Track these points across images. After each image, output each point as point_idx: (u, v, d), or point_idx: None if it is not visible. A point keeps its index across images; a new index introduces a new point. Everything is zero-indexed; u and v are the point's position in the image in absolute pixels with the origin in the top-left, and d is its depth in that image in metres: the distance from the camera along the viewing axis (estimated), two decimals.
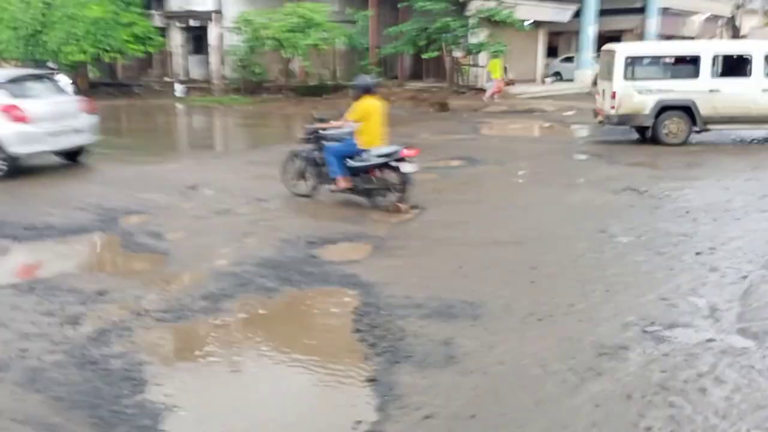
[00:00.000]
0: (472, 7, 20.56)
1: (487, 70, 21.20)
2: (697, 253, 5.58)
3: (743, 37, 41.29)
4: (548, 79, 25.67)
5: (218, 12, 25.17)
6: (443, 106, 20.63)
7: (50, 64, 21.00)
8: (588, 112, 19.62)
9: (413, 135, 14.44)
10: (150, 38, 25.50)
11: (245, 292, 4.92)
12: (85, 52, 23.29)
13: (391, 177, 7.25)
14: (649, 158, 10.73)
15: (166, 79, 27.50)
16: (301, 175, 7.97)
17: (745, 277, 4.97)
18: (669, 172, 9.58)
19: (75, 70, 24.73)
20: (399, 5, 21.20)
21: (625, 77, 11.88)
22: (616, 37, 31.30)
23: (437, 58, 22.85)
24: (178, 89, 25.67)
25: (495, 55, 20.94)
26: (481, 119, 18.03)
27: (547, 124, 17.08)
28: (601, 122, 13.01)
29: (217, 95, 24.84)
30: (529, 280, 5.08)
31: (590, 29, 25.69)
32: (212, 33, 25.74)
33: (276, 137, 16.07)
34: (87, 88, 23.35)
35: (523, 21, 21.45)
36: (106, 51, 23.82)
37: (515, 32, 23.83)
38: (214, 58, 26.10)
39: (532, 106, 20.12)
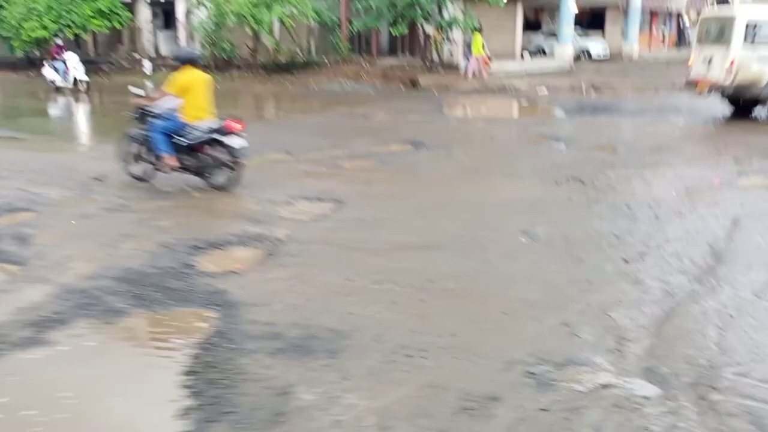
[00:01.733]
0: None
1: (469, 47, 20.24)
2: (624, 261, 4.85)
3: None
4: (526, 55, 24.71)
5: None
6: (414, 84, 19.78)
7: (57, 41, 20.30)
8: (563, 90, 18.88)
9: (370, 115, 13.69)
10: (116, 13, 24.51)
11: (84, 317, 4.18)
12: (46, 28, 22.36)
13: (221, 153, 6.86)
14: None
15: (135, 55, 26.50)
16: (138, 157, 7.39)
17: (671, 293, 4.24)
18: (627, 157, 8.86)
19: (38, 46, 23.79)
20: None
21: (745, 44, 10.87)
22: (599, 12, 30.38)
23: (413, 33, 21.92)
24: (146, 66, 24.69)
25: (476, 30, 19.99)
26: (448, 98, 17.21)
27: (515, 103, 16.27)
28: (701, 93, 12.04)
29: None
30: (420, 299, 4.35)
31: (570, 3, 24.65)
32: (180, 8, 24.72)
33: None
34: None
35: None
36: (69, 27, 22.86)
37: (491, 7, 22.85)
38: (182, 34, 25.13)
39: (506, 84, 19.25)
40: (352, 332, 3.86)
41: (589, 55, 27.98)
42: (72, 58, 18.62)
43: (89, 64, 25.90)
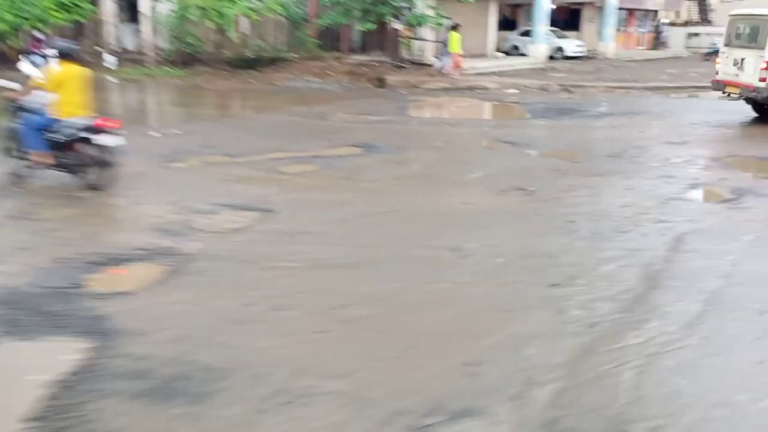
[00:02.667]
0: None
1: (446, 45, 19.81)
2: (553, 284, 4.46)
3: (711, 11, 40.34)
4: (499, 54, 24.36)
5: None
6: (381, 82, 19.33)
7: (36, 34, 18.78)
8: (532, 90, 18.55)
9: (328, 115, 13.22)
10: (78, 6, 23.77)
11: None
12: (4, 21, 21.57)
13: (92, 151, 6.55)
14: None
15: (97, 48, 25.73)
16: (11, 152, 7.00)
17: (593, 325, 3.85)
18: (583, 164, 8.50)
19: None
20: None
21: None
22: (575, 9, 30.15)
23: (384, 30, 21.44)
24: (108, 60, 23.88)
25: (453, 28, 19.59)
26: (414, 97, 16.81)
27: (481, 104, 15.89)
28: (731, 96, 11.72)
29: (150, 67, 23.25)
30: (323, 329, 3.92)
31: (544, 1, 24.35)
32: (144, 1, 23.99)
33: (173, 116, 14.70)
34: (16, 59, 21.58)
35: None
36: (27, 19, 22.09)
37: (462, 4, 22.45)
38: (146, 27, 24.41)
39: (475, 84, 18.88)
40: (232, 371, 3.42)
41: (565, 54, 27.70)
42: (52, 52, 17.87)
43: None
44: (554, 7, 29.71)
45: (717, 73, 12.21)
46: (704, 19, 40.28)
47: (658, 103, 15.80)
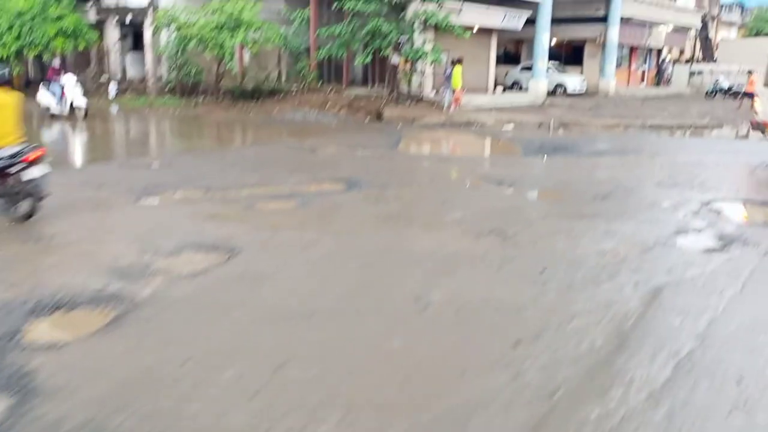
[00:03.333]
0: (411, 10, 19.14)
1: (449, 79, 19.72)
2: (515, 342, 4.16)
3: (714, 49, 40.38)
4: (498, 89, 24.30)
5: (155, 7, 23.59)
6: (379, 116, 19.25)
7: (54, 62, 18.83)
8: (530, 126, 18.37)
9: (318, 148, 13.06)
10: (81, 34, 23.98)
11: None
12: (6, 46, 21.75)
13: (19, 182, 6.46)
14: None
15: (104, 77, 25.90)
16: None
17: (551, 394, 3.54)
18: (567, 205, 8.23)
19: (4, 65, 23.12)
20: (334, 6, 19.73)
21: None
22: (578, 46, 30.20)
23: (384, 63, 21.42)
24: (111, 89, 24.04)
25: (457, 62, 19.56)
26: (410, 131, 16.70)
27: (476, 140, 15.72)
28: None
29: (152, 96, 23.34)
30: (255, 392, 3.61)
31: (544, 38, 24.38)
32: (148, 30, 24.17)
33: (161, 148, 14.53)
34: (22, 86, 21.73)
35: (466, 27, 20.02)
36: (31, 47, 22.25)
37: (464, 38, 22.47)
38: (149, 56, 24.55)
39: (472, 119, 18.76)
40: None
41: (566, 90, 27.66)
42: (69, 81, 17.21)
43: None
44: (553, 44, 29.94)
45: (756, 114, 12.00)
46: (708, 57, 40.33)
47: (655, 142, 15.58)
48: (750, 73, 25.02)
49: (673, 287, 5.13)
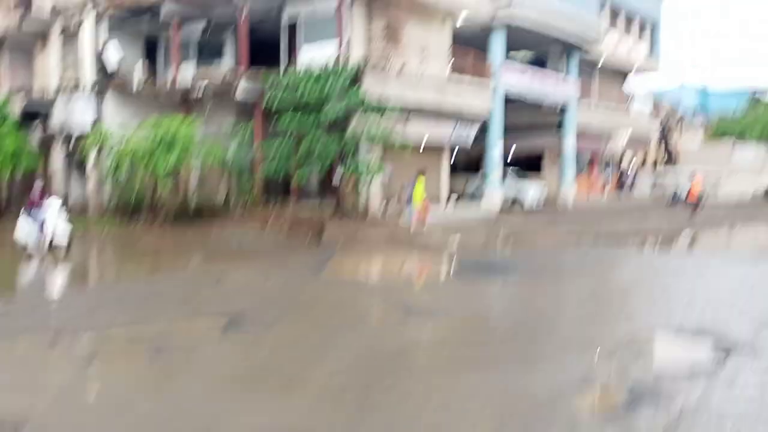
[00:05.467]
0: (351, 126, 18.70)
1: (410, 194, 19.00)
2: None
3: (675, 154, 40.81)
4: (451, 201, 23.66)
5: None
6: (320, 233, 18.30)
7: (38, 183, 15.52)
8: (476, 242, 17.33)
9: (228, 274, 11.99)
10: (22, 158, 23.48)
11: None
12: None
13: None
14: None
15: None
16: None
17: None
18: (461, 347, 7.01)
19: None
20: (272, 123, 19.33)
21: None
22: (537, 154, 30.07)
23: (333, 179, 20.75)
24: None
25: (420, 174, 18.92)
26: (346, 250, 15.69)
27: (411, 260, 14.66)
28: None
29: (92, 218, 22.42)
30: None
31: (497, 149, 24.10)
32: (92, 153, 23.62)
33: (47, 280, 12.94)
34: None
35: (414, 140, 19.64)
36: None
37: (416, 153, 22.05)
38: (91, 178, 23.88)
39: (416, 234, 17.85)
40: None
41: (525, 198, 27.13)
42: (53, 208, 14.20)
43: None
44: (512, 151, 29.84)
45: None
46: (672, 163, 40.62)
47: (598, 258, 14.57)
48: (692, 178, 24.52)
49: None
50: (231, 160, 20.90)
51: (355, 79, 18.34)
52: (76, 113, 24.59)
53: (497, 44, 23.81)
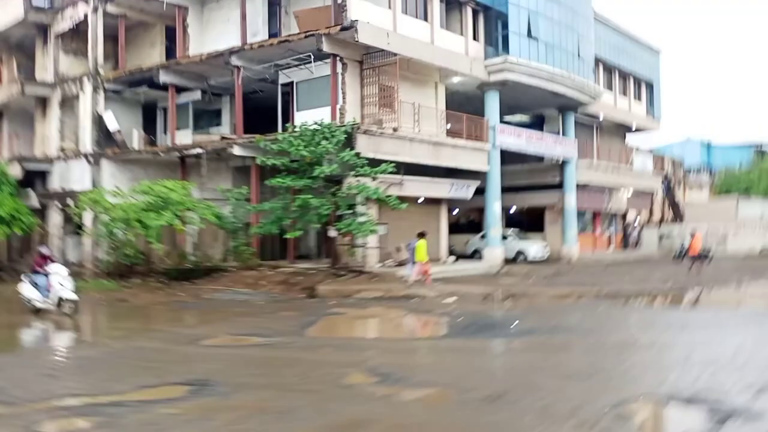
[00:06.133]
0: (345, 184, 18.59)
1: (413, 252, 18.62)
2: None
3: (682, 209, 40.36)
4: (450, 259, 23.26)
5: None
6: (313, 292, 17.92)
7: (43, 250, 15.79)
8: (474, 299, 16.80)
9: (207, 336, 11.65)
10: (20, 219, 23.51)
11: None
12: None
13: None
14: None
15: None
16: None
17: None
18: (433, 424, 6.51)
19: None
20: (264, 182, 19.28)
21: None
22: (538, 212, 29.78)
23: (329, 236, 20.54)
24: None
25: (421, 236, 18.64)
26: (337, 309, 15.36)
27: (402, 318, 14.19)
28: None
29: (87, 280, 22.17)
30: None
31: (496, 206, 23.87)
32: (88, 214, 23.62)
33: (38, 341, 12.68)
34: None
35: (412, 198, 19.47)
36: None
37: (413, 208, 21.86)
38: (87, 239, 23.78)
39: (412, 292, 17.38)
40: None
41: (527, 257, 26.73)
42: (58, 271, 14.78)
43: None
44: (513, 211, 29.62)
45: None
46: (678, 218, 40.13)
47: (598, 316, 14.03)
48: (692, 235, 24.16)
49: None
50: (226, 219, 20.78)
51: (348, 140, 18.34)
52: (73, 177, 24.81)
53: (492, 105, 23.92)
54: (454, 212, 29.23)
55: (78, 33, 25.76)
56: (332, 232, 19.39)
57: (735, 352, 9.28)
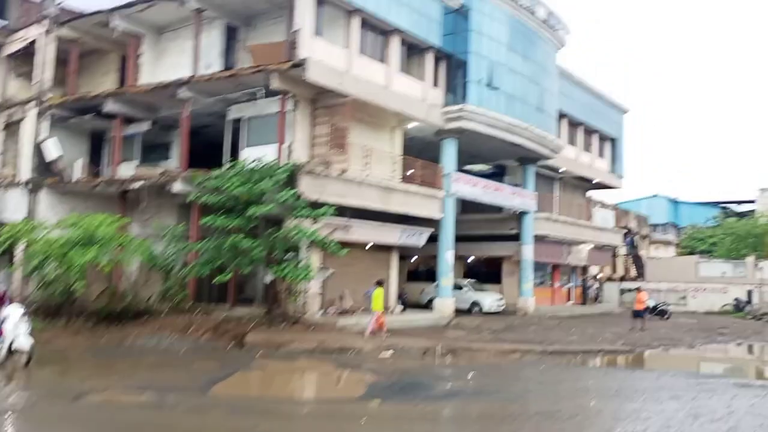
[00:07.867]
0: (284, 228, 17.69)
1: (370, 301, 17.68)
2: None
3: (644, 266, 40.10)
4: (398, 308, 22.33)
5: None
6: (241, 341, 16.78)
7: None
8: (413, 353, 15.85)
9: (94, 391, 10.43)
10: None
11: None
12: None
13: None
14: None
15: None
16: None
17: None
18: None
19: None
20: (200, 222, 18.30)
21: None
22: (496, 263, 29.11)
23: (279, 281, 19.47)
24: None
25: (379, 284, 17.72)
26: (259, 361, 14.27)
27: (323, 376, 13.18)
28: None
29: None
30: None
31: (448, 255, 23.09)
32: (19, 249, 22.31)
33: None
34: None
35: (360, 244, 18.64)
36: None
37: (362, 254, 21.03)
38: (16, 274, 22.41)
39: (348, 344, 16.36)
40: None
41: (482, 309, 25.96)
42: (14, 314, 13.01)
43: None
44: (470, 261, 28.94)
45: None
46: (640, 274, 39.82)
47: (532, 379, 13.18)
48: (638, 290, 23.87)
49: None
50: (160, 259, 19.67)
51: (290, 180, 17.56)
52: (9, 207, 23.59)
53: (449, 153, 23.41)
54: (413, 260, 28.46)
55: (30, 55, 24.88)
56: (268, 277, 18.41)
57: (663, 425, 8.47)
